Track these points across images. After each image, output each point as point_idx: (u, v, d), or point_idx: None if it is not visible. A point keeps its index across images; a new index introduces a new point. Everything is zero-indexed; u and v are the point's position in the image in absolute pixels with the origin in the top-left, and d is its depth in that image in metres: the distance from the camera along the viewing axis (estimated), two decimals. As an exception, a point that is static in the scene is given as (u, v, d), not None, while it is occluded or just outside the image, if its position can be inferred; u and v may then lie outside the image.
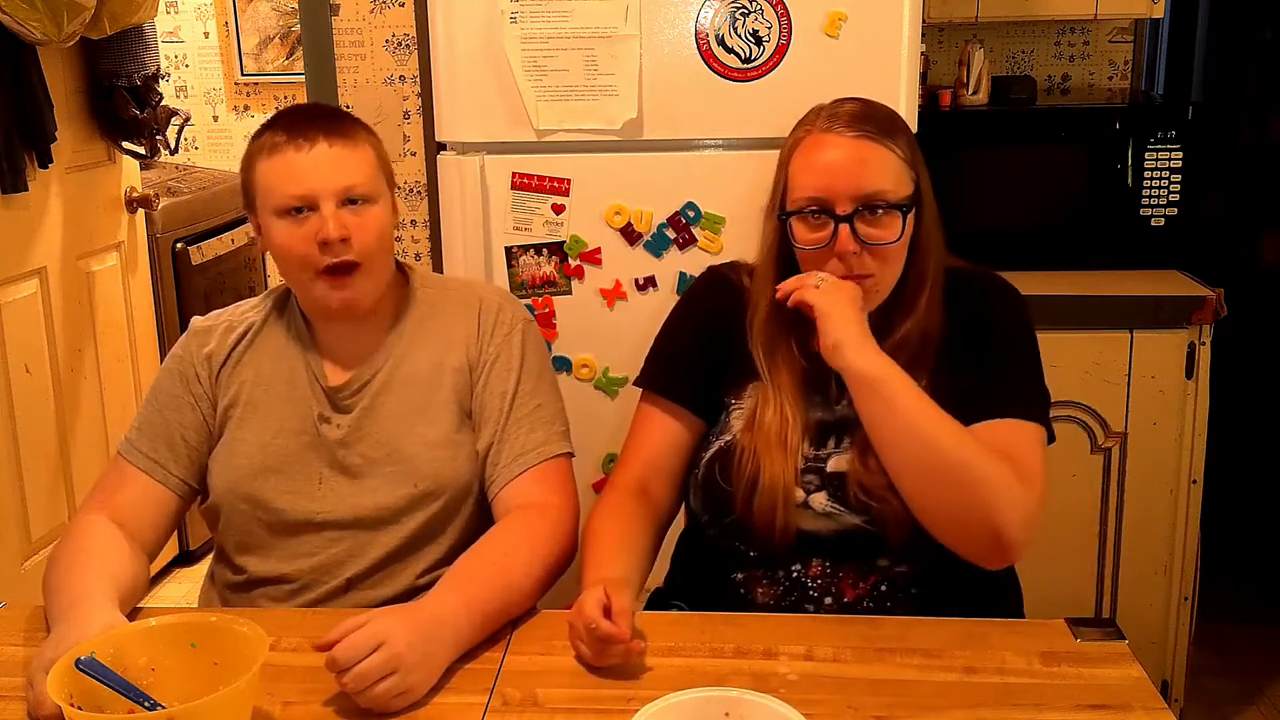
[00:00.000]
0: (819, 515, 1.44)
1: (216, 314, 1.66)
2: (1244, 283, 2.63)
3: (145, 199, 3.17)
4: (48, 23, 2.53)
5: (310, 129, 1.50)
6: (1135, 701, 1.20)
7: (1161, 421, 2.33)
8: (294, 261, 1.52)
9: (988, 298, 1.51)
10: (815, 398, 1.50)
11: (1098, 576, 2.39)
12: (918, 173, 1.47)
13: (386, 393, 1.57)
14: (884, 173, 1.43)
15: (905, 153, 1.45)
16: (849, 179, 1.42)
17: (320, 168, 1.49)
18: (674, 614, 1.46)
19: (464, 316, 1.62)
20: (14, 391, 2.67)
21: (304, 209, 1.49)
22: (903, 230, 1.43)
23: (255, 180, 1.53)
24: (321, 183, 1.49)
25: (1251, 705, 2.66)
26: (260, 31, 4.47)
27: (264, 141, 1.52)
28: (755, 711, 1.11)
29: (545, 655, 1.31)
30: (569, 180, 2.09)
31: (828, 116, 1.46)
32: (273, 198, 1.50)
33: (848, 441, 1.46)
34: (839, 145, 1.43)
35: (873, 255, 1.43)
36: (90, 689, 1.11)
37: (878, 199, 1.42)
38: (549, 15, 2.02)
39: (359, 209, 1.51)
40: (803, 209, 1.44)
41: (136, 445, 1.57)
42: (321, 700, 1.22)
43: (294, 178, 1.49)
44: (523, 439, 1.56)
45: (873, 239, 1.42)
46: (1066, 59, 2.86)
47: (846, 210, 1.42)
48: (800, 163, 1.46)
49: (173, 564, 3.34)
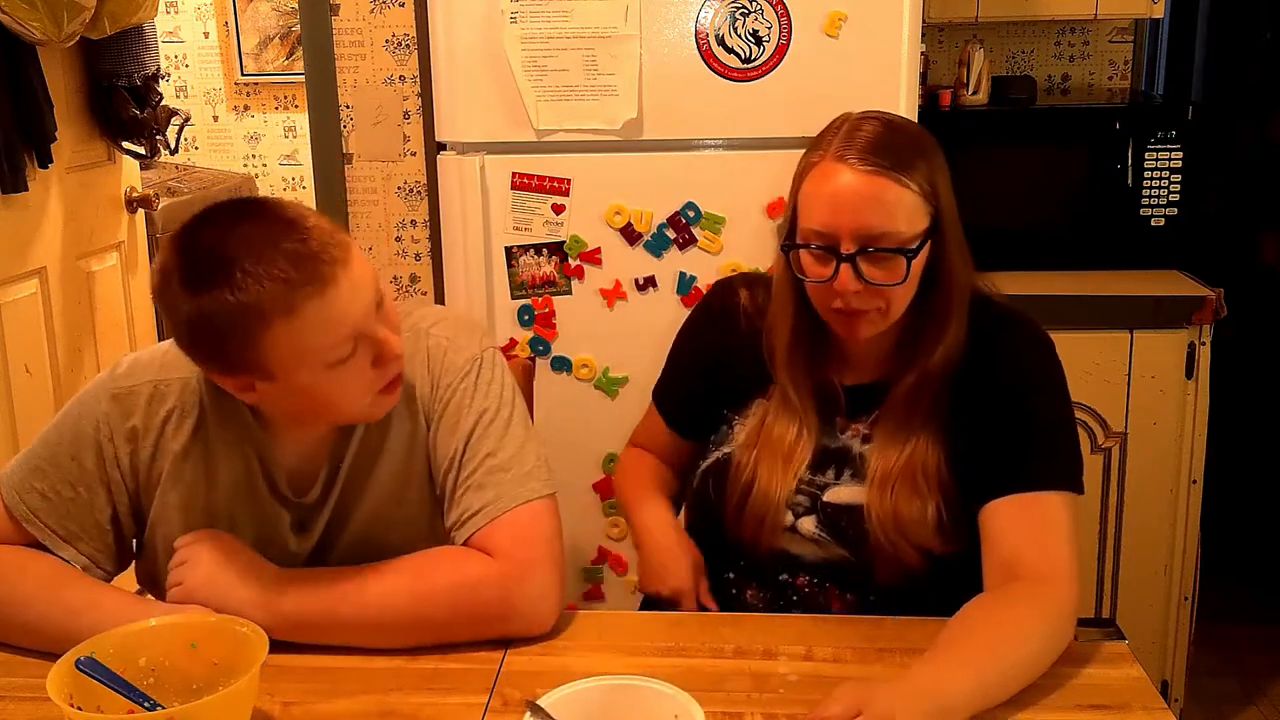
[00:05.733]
0: (805, 540, 1.43)
1: (131, 370, 1.37)
2: (1244, 283, 2.63)
3: (145, 199, 3.17)
4: (48, 23, 2.53)
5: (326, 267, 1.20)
6: (1135, 701, 1.20)
7: (1161, 421, 2.33)
8: (349, 401, 1.27)
9: (1021, 344, 1.43)
10: (823, 423, 1.47)
11: (1098, 576, 2.39)
12: (937, 203, 1.36)
13: (357, 495, 1.38)
14: (894, 212, 1.33)
15: (923, 185, 1.35)
16: (854, 217, 1.33)
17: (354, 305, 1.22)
18: (674, 614, 1.46)
19: (416, 372, 1.39)
20: (14, 391, 2.67)
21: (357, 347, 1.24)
22: (908, 272, 1.35)
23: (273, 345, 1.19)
24: (358, 321, 1.23)
25: (1251, 705, 2.66)
26: (260, 31, 4.47)
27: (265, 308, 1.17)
28: (656, 700, 1.13)
29: (545, 655, 1.31)
30: (569, 180, 2.09)
31: (844, 141, 1.35)
32: (326, 354, 1.22)
33: (849, 474, 1.43)
34: (848, 179, 1.33)
35: (876, 294, 1.36)
36: (90, 689, 1.10)
37: (883, 241, 1.33)
38: (549, 15, 2.02)
39: (384, 310, 1.28)
40: (807, 243, 1.37)
41: (40, 517, 1.34)
42: (322, 700, 1.22)
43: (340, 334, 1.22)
44: (468, 499, 1.35)
45: (876, 280, 1.34)
46: (1066, 59, 2.86)
47: (850, 249, 1.33)
48: (809, 191, 1.37)
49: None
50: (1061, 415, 1.41)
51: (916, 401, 1.40)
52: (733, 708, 1.18)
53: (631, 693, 1.15)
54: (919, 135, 1.41)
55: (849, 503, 1.41)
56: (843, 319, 1.39)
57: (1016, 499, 1.33)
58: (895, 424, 1.41)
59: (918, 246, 1.34)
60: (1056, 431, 1.39)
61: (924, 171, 1.35)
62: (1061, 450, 1.38)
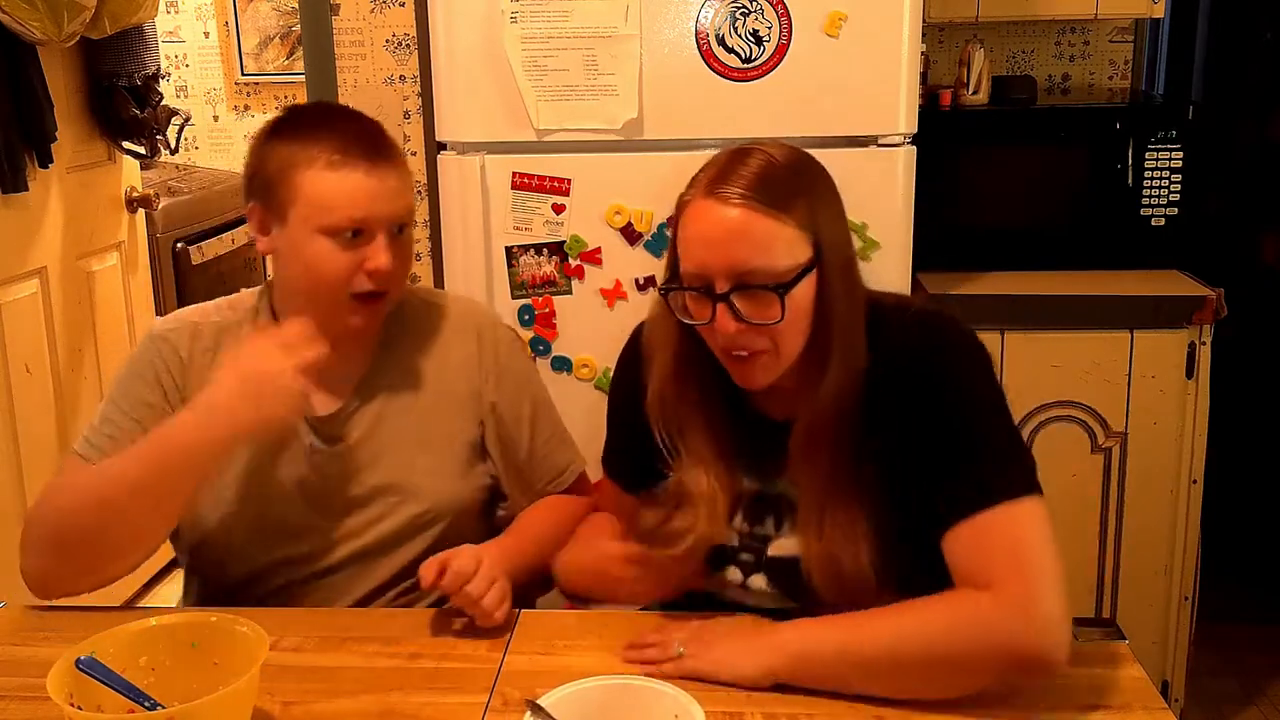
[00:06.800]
0: (759, 593, 1.37)
1: (174, 316, 1.56)
2: (1244, 283, 2.63)
3: (145, 199, 3.17)
4: (48, 22, 2.53)
5: (372, 153, 1.43)
6: (1135, 701, 1.20)
7: (1161, 421, 2.33)
8: (327, 281, 1.43)
9: (934, 353, 1.31)
10: (749, 468, 1.38)
11: (1098, 576, 2.39)
12: (818, 234, 1.28)
13: (381, 423, 1.52)
14: (767, 246, 1.25)
15: (801, 217, 1.26)
16: (725, 254, 1.25)
17: (383, 195, 1.42)
18: (675, 614, 1.45)
19: (461, 340, 1.57)
20: (14, 391, 2.67)
21: (359, 232, 1.42)
22: (784, 309, 1.25)
23: (297, 189, 1.42)
24: (383, 210, 1.42)
25: (1251, 705, 2.66)
26: (260, 31, 4.47)
27: (313, 153, 1.42)
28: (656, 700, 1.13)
29: (545, 655, 1.31)
30: (569, 180, 2.09)
31: (716, 177, 1.28)
32: (325, 215, 1.41)
33: (788, 524, 1.35)
34: (717, 216, 1.26)
35: (760, 334, 1.27)
36: (90, 689, 1.11)
37: (755, 277, 1.25)
38: (549, 15, 2.02)
39: (402, 239, 1.47)
40: (683, 284, 1.30)
41: (109, 452, 1.44)
42: (321, 700, 1.22)
43: (355, 202, 1.41)
44: (553, 459, 1.60)
45: (755, 318, 1.26)
46: (1067, 59, 2.86)
47: (723, 288, 1.26)
48: (682, 231, 1.31)
49: (173, 564, 3.33)
50: (992, 419, 1.29)
51: (818, 444, 1.31)
52: (733, 707, 1.18)
53: (631, 693, 1.16)
54: (799, 165, 1.32)
55: (793, 554, 1.34)
56: (736, 364, 1.31)
57: (970, 523, 1.23)
58: (809, 470, 1.32)
59: (792, 280, 1.26)
60: (991, 437, 1.28)
61: (804, 202, 1.27)
62: (1003, 456, 1.27)
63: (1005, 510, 1.23)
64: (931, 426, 1.27)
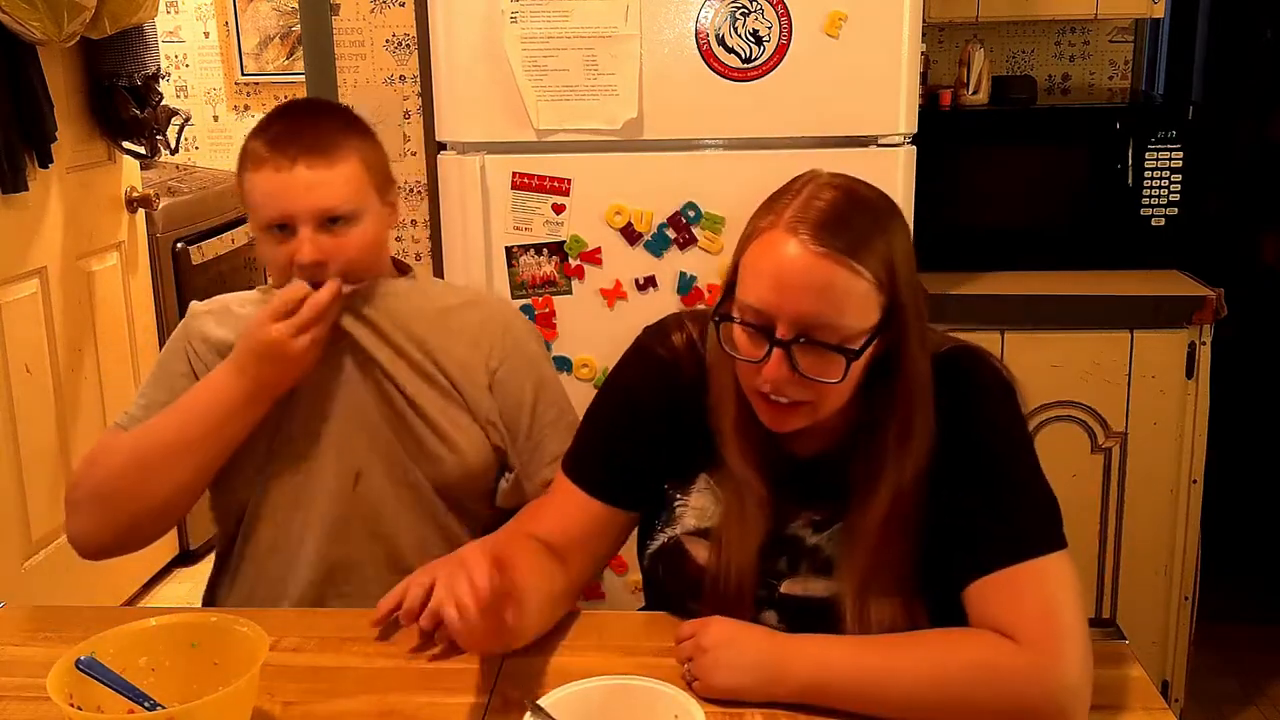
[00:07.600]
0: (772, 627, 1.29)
1: (208, 301, 1.65)
2: (1244, 283, 2.63)
3: (145, 199, 3.17)
4: (48, 22, 2.53)
5: (291, 147, 1.48)
6: (1135, 701, 1.20)
7: (1161, 421, 2.33)
8: (274, 274, 1.55)
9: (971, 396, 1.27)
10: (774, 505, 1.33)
11: (1098, 576, 2.39)
12: (895, 291, 1.20)
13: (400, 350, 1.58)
14: (841, 303, 1.17)
15: (878, 272, 1.18)
16: (795, 302, 1.17)
17: (295, 191, 1.47)
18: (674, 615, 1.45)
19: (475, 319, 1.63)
20: (14, 391, 2.67)
21: (284, 226, 1.49)
22: (846, 372, 1.19)
23: (243, 190, 1.53)
24: (299, 204, 1.47)
25: (1251, 705, 2.66)
26: (260, 31, 4.47)
27: (251, 150, 1.51)
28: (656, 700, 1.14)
29: (545, 655, 1.31)
30: (569, 180, 2.09)
31: (798, 210, 1.19)
32: (255, 213, 1.52)
33: (805, 566, 1.31)
34: (796, 255, 1.17)
35: (807, 387, 1.20)
36: (90, 689, 1.11)
37: (823, 333, 1.18)
38: (549, 15, 2.02)
39: (338, 229, 1.50)
40: (742, 318, 1.22)
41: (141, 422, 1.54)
42: (321, 700, 1.22)
43: (271, 198, 1.48)
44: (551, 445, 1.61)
45: (811, 373, 1.19)
46: (1067, 59, 2.86)
47: (786, 335, 1.18)
48: (751, 260, 1.21)
49: (173, 564, 3.33)
50: (1027, 469, 1.25)
51: (890, 519, 1.25)
52: (732, 708, 1.18)
53: (631, 693, 1.15)
54: (881, 208, 1.23)
55: (807, 595, 1.30)
56: (767, 405, 1.24)
57: (1000, 576, 1.19)
58: (863, 528, 1.26)
59: (861, 347, 1.19)
60: (1026, 489, 1.24)
61: (881, 253, 1.19)
62: (1035, 508, 1.23)
63: (1037, 566, 1.19)
64: (965, 474, 1.23)
